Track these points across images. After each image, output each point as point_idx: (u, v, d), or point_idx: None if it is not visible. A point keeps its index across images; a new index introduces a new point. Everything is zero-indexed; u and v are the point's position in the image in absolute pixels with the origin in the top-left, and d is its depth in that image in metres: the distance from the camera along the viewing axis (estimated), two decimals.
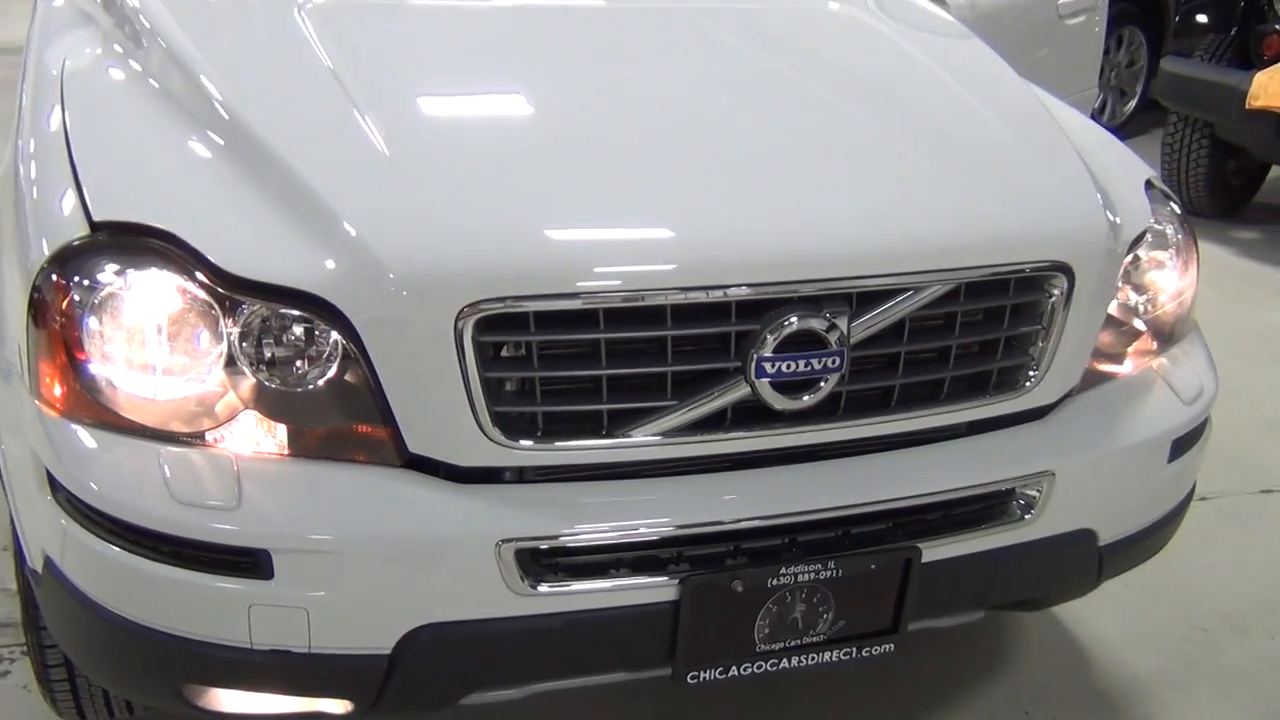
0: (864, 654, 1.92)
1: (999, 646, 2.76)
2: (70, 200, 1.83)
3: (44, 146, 2.02)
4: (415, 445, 1.73)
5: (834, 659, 1.91)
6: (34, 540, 1.87)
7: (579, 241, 1.81)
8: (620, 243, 1.82)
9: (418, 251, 1.70)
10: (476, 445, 1.73)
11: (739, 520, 1.81)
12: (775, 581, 1.81)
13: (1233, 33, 5.71)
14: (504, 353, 1.74)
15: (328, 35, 2.21)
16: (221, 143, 1.93)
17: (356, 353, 1.71)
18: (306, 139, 1.91)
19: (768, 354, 1.77)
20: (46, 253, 1.77)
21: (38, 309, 1.75)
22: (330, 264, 1.71)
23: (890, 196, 1.98)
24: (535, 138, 2.05)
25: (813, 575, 1.83)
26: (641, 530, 1.77)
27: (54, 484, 1.75)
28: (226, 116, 1.96)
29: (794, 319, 1.77)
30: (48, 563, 1.81)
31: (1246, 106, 5.33)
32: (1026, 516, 1.97)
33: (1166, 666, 2.75)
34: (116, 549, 1.70)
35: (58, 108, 2.08)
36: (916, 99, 2.35)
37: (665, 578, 1.78)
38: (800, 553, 1.84)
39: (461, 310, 1.67)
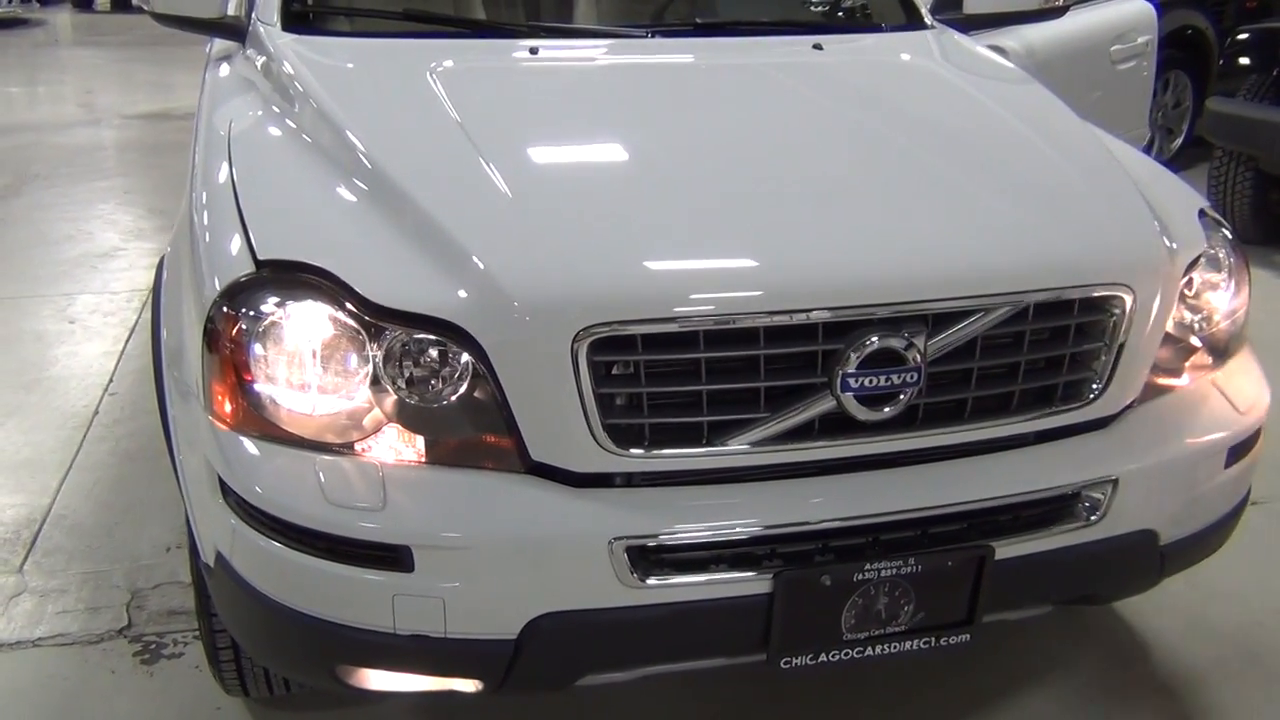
0: (941, 643, 1.88)
1: (1065, 637, 2.68)
2: (238, 243, 1.88)
3: (215, 197, 2.08)
4: (537, 454, 1.74)
5: (914, 648, 1.87)
6: (207, 538, 1.92)
7: (679, 271, 1.80)
8: (715, 272, 1.82)
9: (538, 282, 1.72)
10: (591, 453, 1.73)
11: (827, 521, 1.78)
12: (860, 576, 1.79)
13: (1274, 74, 5.53)
14: (614, 371, 1.75)
15: (455, 93, 2.25)
16: (365, 188, 1.98)
17: (485, 372, 1.72)
18: (439, 183, 1.94)
19: (851, 370, 1.75)
20: (218, 286, 1.82)
21: (210, 337, 1.80)
22: (462, 293, 1.73)
23: (962, 225, 1.94)
24: (637, 180, 2.06)
25: (894, 571, 1.80)
26: (738, 530, 1.76)
27: (224, 489, 1.79)
28: (369, 165, 2.01)
29: (875, 338, 1.75)
30: (219, 558, 1.86)
31: None
32: (1092, 518, 1.91)
33: (1223, 657, 2.65)
34: (279, 545, 1.73)
35: (226, 163, 2.15)
36: (983, 138, 2.31)
37: (760, 572, 1.76)
38: (883, 550, 1.81)
39: (577, 333, 1.68)
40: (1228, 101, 5.61)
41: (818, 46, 2.69)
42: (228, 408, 1.80)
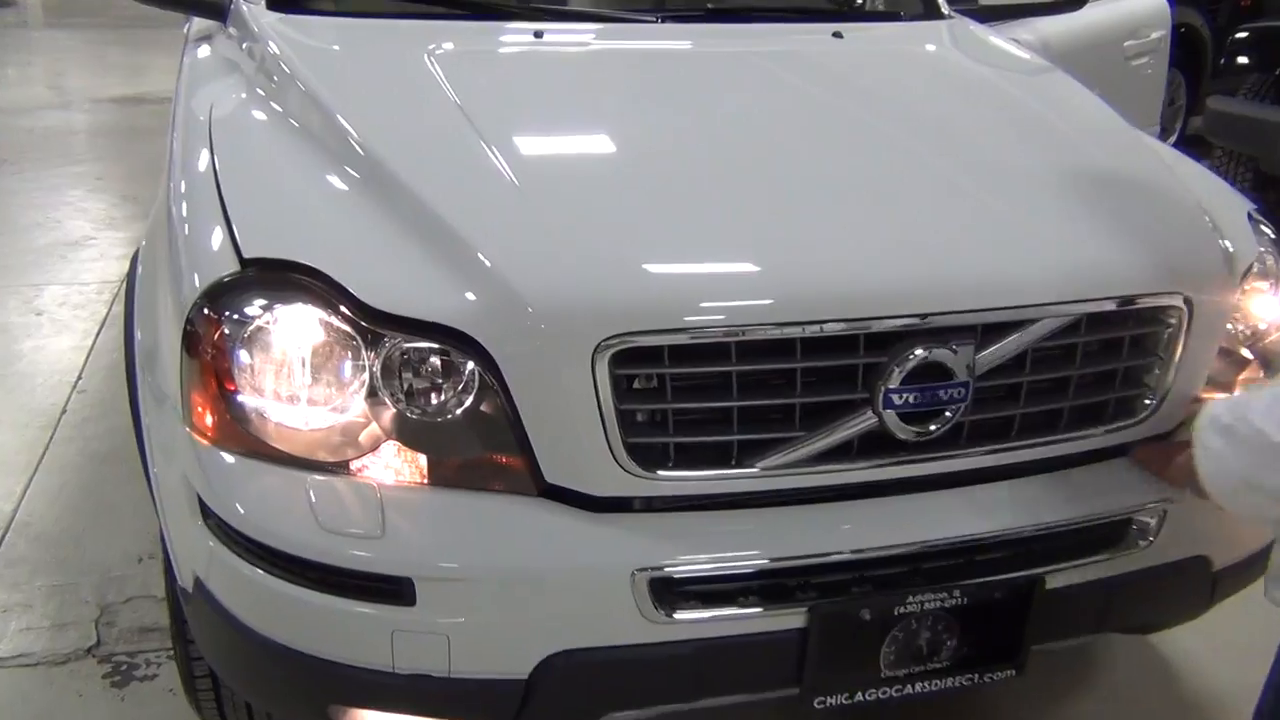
0: (986, 679, 1.74)
1: (1088, 659, 2.56)
2: (220, 237, 1.71)
3: (194, 186, 1.91)
4: (551, 475, 1.58)
5: (956, 684, 1.73)
6: (184, 561, 1.75)
7: (714, 277, 1.65)
8: (755, 278, 1.64)
9: (556, 286, 1.55)
10: (611, 475, 1.57)
11: (866, 549, 1.64)
12: (902, 609, 1.64)
13: (1276, 73, 5.44)
14: (636, 385, 1.59)
15: (455, 78, 2.08)
16: (359, 178, 1.81)
17: (495, 384, 1.56)
18: (438, 171, 1.79)
19: (895, 385, 1.60)
20: (199, 286, 1.65)
21: (190, 340, 1.63)
22: (469, 296, 1.56)
23: (1009, 230, 1.79)
24: (658, 174, 1.88)
25: (938, 603, 1.65)
26: (771, 560, 1.61)
27: (205, 510, 1.63)
28: (364, 154, 1.84)
29: (920, 351, 1.60)
30: (197, 583, 1.69)
31: None
32: (1144, 544, 1.78)
33: (1253, 680, 2.52)
34: (265, 574, 1.57)
35: (207, 150, 1.97)
36: (1025, 135, 2.16)
37: (794, 605, 1.61)
38: (926, 581, 1.66)
39: (598, 344, 1.52)
40: (1228, 101, 5.53)
41: (837, 35, 2.53)
42: (209, 420, 1.63)
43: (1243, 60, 5.70)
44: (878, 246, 1.71)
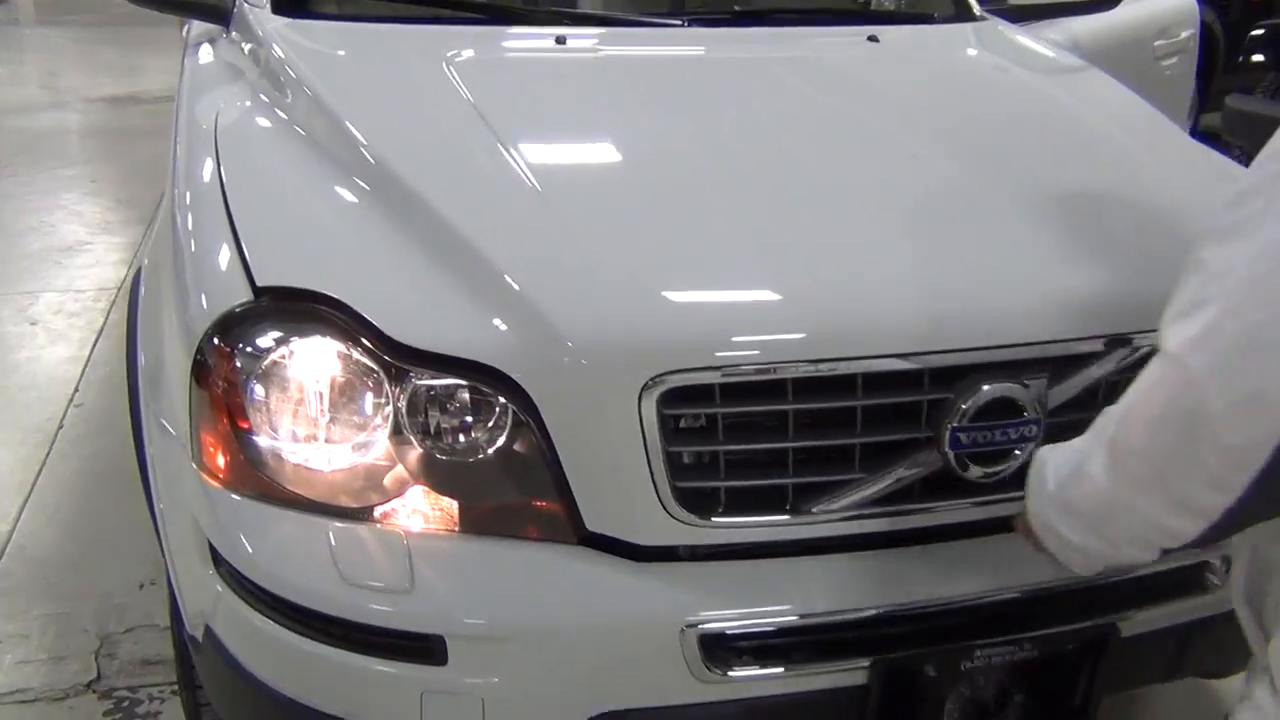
0: None
1: (1138, 699, 2.44)
2: (229, 257, 1.59)
3: (200, 198, 1.79)
4: (593, 522, 1.45)
5: None
6: (194, 609, 1.63)
7: (774, 305, 1.51)
8: (817, 308, 1.50)
9: (597, 319, 1.43)
10: (658, 522, 1.45)
11: (931, 599, 1.51)
12: (968, 664, 1.52)
13: None
14: (682, 424, 1.46)
15: (474, 86, 1.96)
16: (376, 194, 1.69)
17: (531, 423, 1.43)
18: (460, 185, 1.68)
19: (963, 424, 1.48)
20: (206, 307, 1.53)
21: (200, 374, 1.51)
22: (500, 325, 1.44)
23: (1076, 252, 1.66)
24: (689, 192, 1.74)
25: (1008, 657, 1.53)
26: (834, 612, 1.49)
27: (216, 557, 1.51)
28: (380, 168, 1.72)
29: (988, 387, 1.48)
30: (208, 632, 1.57)
31: None
32: (1219, 585, 1.66)
33: None
34: (284, 630, 1.45)
35: (212, 160, 1.85)
36: (1079, 147, 2.02)
37: (854, 660, 1.49)
38: (995, 633, 1.54)
39: (645, 382, 1.39)
40: (1248, 99, 5.41)
41: (873, 39, 2.40)
42: (220, 460, 1.50)
43: (1258, 58, 5.58)
44: (931, 275, 1.58)
